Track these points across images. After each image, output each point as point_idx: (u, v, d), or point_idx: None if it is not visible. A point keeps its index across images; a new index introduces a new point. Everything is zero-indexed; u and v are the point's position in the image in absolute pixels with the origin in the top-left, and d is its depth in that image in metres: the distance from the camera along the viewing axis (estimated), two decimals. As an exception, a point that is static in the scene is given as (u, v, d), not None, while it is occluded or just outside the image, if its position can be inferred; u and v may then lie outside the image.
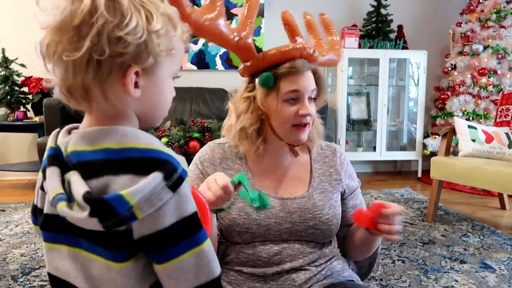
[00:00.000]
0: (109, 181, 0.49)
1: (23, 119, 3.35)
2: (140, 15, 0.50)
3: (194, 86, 3.67)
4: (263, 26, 3.86)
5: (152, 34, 0.50)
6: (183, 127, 2.71)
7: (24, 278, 1.70)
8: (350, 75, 3.86)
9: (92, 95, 0.51)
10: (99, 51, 0.48)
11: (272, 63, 0.95)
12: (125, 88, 0.51)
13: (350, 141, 3.99)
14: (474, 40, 3.61)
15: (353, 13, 3.90)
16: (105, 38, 0.48)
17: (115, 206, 0.46)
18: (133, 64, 0.50)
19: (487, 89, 3.46)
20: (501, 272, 1.79)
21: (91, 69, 0.49)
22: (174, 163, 0.51)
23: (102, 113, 0.54)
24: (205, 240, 0.53)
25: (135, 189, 0.47)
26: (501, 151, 2.50)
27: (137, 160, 0.50)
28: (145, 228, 0.49)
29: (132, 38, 0.49)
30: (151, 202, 0.48)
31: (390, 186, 3.54)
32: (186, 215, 0.51)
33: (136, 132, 0.52)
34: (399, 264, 1.87)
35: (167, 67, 0.55)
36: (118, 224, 0.48)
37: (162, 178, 0.48)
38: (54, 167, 0.53)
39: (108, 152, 0.50)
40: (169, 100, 0.59)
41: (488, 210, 2.84)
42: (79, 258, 0.54)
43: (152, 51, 0.51)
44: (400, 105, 4.13)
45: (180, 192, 0.50)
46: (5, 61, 3.36)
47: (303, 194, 1.00)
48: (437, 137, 3.46)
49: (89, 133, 0.52)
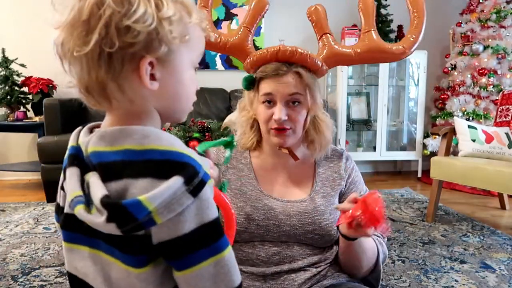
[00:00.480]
0: (128, 184, 0.47)
1: (23, 119, 3.35)
2: (149, 2, 0.48)
3: (194, 86, 3.67)
4: (263, 26, 3.86)
5: (163, 21, 0.49)
6: (183, 127, 2.71)
7: (24, 278, 1.69)
8: (350, 75, 3.86)
9: (109, 91, 0.50)
10: (109, 43, 0.47)
11: (253, 66, 0.99)
12: (140, 80, 0.50)
13: (350, 141, 4.00)
14: (474, 40, 3.61)
15: (353, 13, 3.90)
16: (113, 29, 0.46)
17: (133, 211, 0.45)
18: (145, 54, 0.49)
19: (487, 89, 3.46)
20: (501, 272, 1.79)
21: (103, 63, 0.48)
22: (196, 166, 0.49)
23: (122, 111, 0.52)
24: (226, 248, 0.51)
25: (154, 194, 0.45)
26: (501, 151, 2.50)
27: (157, 163, 0.48)
28: (164, 234, 0.48)
29: (141, 27, 0.47)
30: (171, 207, 0.46)
31: (390, 186, 3.54)
32: (207, 221, 0.49)
33: (158, 133, 0.50)
34: (399, 264, 1.87)
35: (184, 56, 0.53)
36: (136, 229, 0.47)
37: (183, 182, 0.47)
38: (74, 168, 0.52)
39: (128, 154, 0.48)
40: (191, 92, 0.57)
41: (488, 210, 2.84)
42: (99, 259, 0.53)
43: (164, 38, 0.49)
44: (400, 105, 4.13)
45: (201, 197, 0.48)
46: (5, 61, 3.36)
47: (304, 198, 1.00)
48: (437, 137, 3.46)
49: (110, 133, 0.50)
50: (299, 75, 0.94)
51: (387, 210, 2.72)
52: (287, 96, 0.93)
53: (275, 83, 0.93)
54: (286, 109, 0.94)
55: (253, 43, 1.02)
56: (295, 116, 0.95)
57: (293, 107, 0.95)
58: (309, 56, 0.94)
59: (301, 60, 0.94)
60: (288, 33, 3.81)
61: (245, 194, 0.99)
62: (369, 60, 1.06)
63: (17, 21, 3.52)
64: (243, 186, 1.01)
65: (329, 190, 1.02)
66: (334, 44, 1.00)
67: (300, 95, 0.94)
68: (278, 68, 0.93)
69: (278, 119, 0.92)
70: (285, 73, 0.93)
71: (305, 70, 0.94)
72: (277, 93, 0.93)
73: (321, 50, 1.01)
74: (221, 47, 1.01)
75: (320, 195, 1.00)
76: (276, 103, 0.94)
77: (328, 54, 1.00)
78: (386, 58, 1.05)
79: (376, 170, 4.28)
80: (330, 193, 1.02)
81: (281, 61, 0.94)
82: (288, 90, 0.93)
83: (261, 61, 0.96)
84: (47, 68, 3.31)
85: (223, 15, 3.81)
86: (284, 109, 0.93)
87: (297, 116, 0.95)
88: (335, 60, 1.01)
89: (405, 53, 1.01)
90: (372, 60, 1.05)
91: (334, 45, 1.00)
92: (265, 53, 0.95)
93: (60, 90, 3.45)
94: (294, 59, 0.93)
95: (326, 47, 1.00)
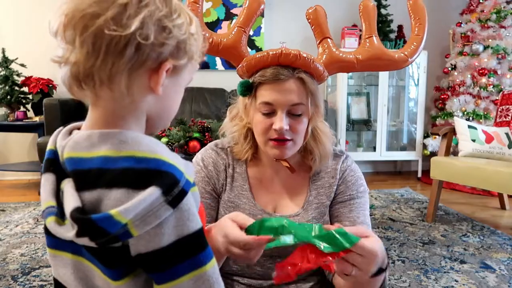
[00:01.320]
0: (102, 195, 0.44)
1: (23, 119, 3.35)
2: (185, 15, 0.50)
3: (194, 86, 3.67)
4: (263, 26, 3.85)
5: (191, 36, 0.50)
6: (183, 127, 2.71)
7: (24, 278, 1.69)
8: (350, 75, 3.86)
9: (114, 83, 0.47)
10: (144, 35, 0.45)
11: (250, 71, 0.90)
12: (150, 82, 0.48)
13: (350, 141, 4.00)
14: (474, 40, 3.61)
15: (353, 13, 3.90)
16: (153, 23, 0.46)
17: (104, 226, 0.42)
18: (170, 59, 0.49)
19: (487, 89, 3.46)
20: (501, 272, 1.79)
21: (128, 52, 0.45)
22: (176, 174, 0.46)
23: (109, 110, 0.49)
24: (208, 262, 0.48)
25: (127, 207, 0.42)
26: (501, 151, 2.50)
27: (133, 172, 0.45)
28: (142, 246, 0.45)
29: (177, 32, 0.48)
30: (147, 220, 0.43)
31: (390, 186, 3.54)
32: (187, 233, 0.46)
33: (138, 138, 0.47)
34: (399, 264, 1.87)
35: (187, 73, 0.54)
36: (112, 241, 0.44)
37: (161, 193, 0.44)
38: (50, 174, 0.49)
39: (105, 161, 0.45)
40: (177, 109, 0.56)
41: (488, 210, 2.84)
42: (82, 267, 0.51)
43: (189, 51, 0.51)
44: (400, 105, 4.13)
45: (181, 208, 0.46)
46: (5, 61, 3.36)
47: (297, 211, 0.94)
48: (437, 137, 3.46)
49: (87, 137, 0.47)
50: (302, 81, 0.86)
51: (387, 210, 2.72)
52: (288, 106, 0.85)
53: (276, 89, 0.85)
54: (287, 118, 0.86)
55: (253, 43, 0.98)
56: (297, 126, 0.87)
57: (294, 116, 0.87)
58: (313, 60, 0.86)
59: (305, 65, 0.86)
60: (289, 33, 3.81)
61: (238, 208, 0.94)
62: (371, 68, 1.00)
63: (17, 21, 3.52)
64: (236, 198, 0.95)
65: (324, 199, 0.96)
66: (335, 50, 0.94)
67: (302, 105, 0.86)
68: (279, 73, 0.84)
69: (279, 128, 0.84)
70: (286, 78, 0.84)
71: (307, 75, 0.86)
72: (278, 102, 0.85)
73: (320, 56, 0.94)
74: (212, 48, 0.92)
75: (314, 206, 0.95)
76: (276, 112, 0.86)
77: (329, 60, 0.93)
78: (388, 66, 1.01)
79: (376, 170, 4.28)
80: (325, 203, 0.95)
81: (283, 65, 0.86)
82: (290, 99, 0.85)
83: (260, 65, 0.87)
84: (47, 68, 3.32)
85: (223, 15, 3.80)
86: (285, 118, 0.85)
87: (298, 126, 0.87)
88: (336, 66, 0.95)
89: (407, 61, 0.97)
90: (373, 67, 0.99)
91: (335, 51, 0.94)
92: (265, 56, 0.86)
93: (60, 90, 3.46)
94: (297, 63, 0.85)
95: (326, 52, 0.94)
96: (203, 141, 2.61)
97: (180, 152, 2.56)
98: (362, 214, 0.93)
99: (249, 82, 0.88)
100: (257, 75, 0.87)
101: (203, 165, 0.96)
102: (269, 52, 0.86)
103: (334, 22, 3.69)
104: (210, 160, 0.97)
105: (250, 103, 0.90)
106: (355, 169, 0.99)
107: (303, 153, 0.96)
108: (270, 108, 0.86)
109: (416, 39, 1.00)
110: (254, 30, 3.82)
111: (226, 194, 0.95)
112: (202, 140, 2.62)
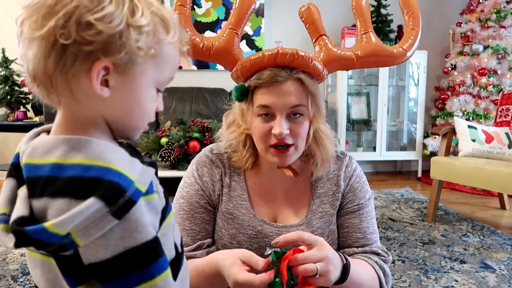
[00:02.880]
0: (47, 204, 0.43)
1: (23, 119, 3.35)
2: (122, 4, 0.45)
3: (194, 86, 3.68)
4: (263, 26, 3.85)
5: (132, 27, 0.45)
6: (183, 127, 2.71)
7: (24, 278, 1.69)
8: (350, 75, 3.86)
9: (57, 86, 0.46)
10: (65, 35, 0.43)
11: (246, 74, 0.85)
12: (91, 83, 0.45)
13: (350, 141, 4.00)
14: (474, 40, 3.61)
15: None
16: (73, 21, 0.43)
17: (41, 238, 0.41)
18: (102, 57, 0.44)
19: (487, 89, 3.46)
20: (501, 272, 1.79)
21: (53, 54, 0.44)
22: (123, 183, 0.43)
23: (70, 114, 0.48)
24: (159, 274, 0.46)
25: (63, 219, 0.40)
26: (501, 151, 2.50)
27: (78, 180, 0.43)
28: (91, 256, 0.44)
29: (104, 26, 0.43)
30: (89, 231, 0.41)
31: (390, 186, 3.55)
32: (135, 245, 0.44)
33: (90, 144, 0.45)
34: (399, 264, 1.87)
35: (149, 72, 0.49)
36: (60, 250, 0.42)
37: (103, 204, 0.41)
38: (11, 179, 0.48)
39: (54, 168, 0.44)
40: (148, 111, 0.51)
41: (488, 210, 2.84)
42: (51, 268, 0.48)
43: (126, 45, 0.45)
44: (400, 105, 4.14)
45: (128, 219, 0.43)
46: (5, 61, 3.36)
47: (300, 221, 0.90)
48: (437, 137, 3.46)
49: (43, 143, 0.46)
50: (301, 82, 0.81)
51: (387, 210, 2.72)
52: (288, 109, 0.80)
53: (273, 92, 0.80)
54: (287, 122, 0.81)
55: (253, 43, 0.97)
56: (298, 130, 0.82)
57: (295, 119, 0.82)
58: (312, 59, 0.82)
59: (303, 64, 0.81)
60: (289, 33, 3.81)
61: (237, 219, 0.90)
62: (370, 64, 0.96)
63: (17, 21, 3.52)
64: (235, 209, 0.91)
65: (328, 208, 0.92)
66: (333, 47, 0.90)
67: (302, 106, 0.81)
68: (276, 74, 0.79)
69: (279, 133, 0.79)
70: (284, 80, 0.80)
71: (306, 75, 0.82)
72: (276, 106, 0.80)
73: (318, 54, 0.90)
74: (204, 53, 0.87)
75: (318, 215, 0.91)
76: (275, 115, 0.81)
77: (327, 58, 0.89)
78: (387, 62, 0.97)
79: (376, 170, 4.28)
80: (329, 212, 0.92)
81: (280, 66, 0.81)
82: (289, 102, 0.80)
83: (256, 67, 0.82)
84: (47, 68, 3.32)
85: (223, 15, 3.81)
86: (285, 122, 0.80)
87: (299, 129, 0.82)
88: (335, 64, 0.91)
89: (405, 56, 0.94)
90: (373, 63, 0.96)
91: (332, 48, 0.90)
92: (260, 58, 0.80)
93: (60, 90, 3.46)
94: (295, 63, 0.80)
95: (323, 50, 0.89)
96: (203, 141, 2.61)
97: (180, 152, 2.56)
98: (371, 223, 0.93)
99: (245, 86, 0.84)
100: (253, 78, 0.83)
101: (198, 175, 0.92)
102: (264, 52, 0.81)
103: (334, 22, 3.69)
104: (204, 170, 0.92)
105: (247, 108, 0.85)
106: (360, 174, 0.97)
107: (304, 157, 0.91)
108: (268, 111, 0.81)
109: (411, 33, 0.97)
110: (254, 30, 3.83)
111: (223, 205, 0.92)
112: (202, 140, 2.62)
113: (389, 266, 0.91)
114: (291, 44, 3.92)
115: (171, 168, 2.60)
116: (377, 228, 0.95)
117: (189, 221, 0.90)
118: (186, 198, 0.91)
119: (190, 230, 0.90)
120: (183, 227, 0.89)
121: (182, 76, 3.82)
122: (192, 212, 0.90)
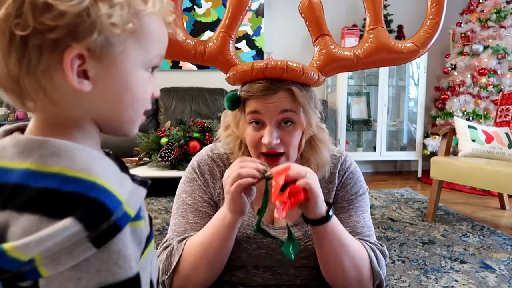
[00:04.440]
0: (10, 218, 0.35)
1: (23, 119, 3.35)
2: None
3: (194, 86, 3.68)
4: (263, 26, 3.85)
5: (100, 1, 0.37)
6: (183, 127, 2.71)
7: (24, 278, 1.69)
8: (350, 75, 3.86)
9: (27, 89, 0.38)
10: (21, 24, 0.35)
11: (237, 82, 0.84)
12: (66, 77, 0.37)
13: (350, 141, 4.00)
14: (474, 40, 3.61)
15: (353, 13, 3.89)
16: (27, 5, 0.35)
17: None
18: (72, 43, 0.36)
19: (487, 89, 3.47)
20: (501, 272, 1.79)
21: (14, 51, 0.36)
22: (109, 204, 0.36)
23: (46, 115, 0.41)
24: None
25: (28, 242, 0.33)
26: (501, 151, 2.50)
27: (54, 194, 0.35)
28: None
29: (65, 5, 0.35)
30: (60, 259, 0.34)
31: (390, 186, 3.55)
32: (112, 282, 0.36)
33: (74, 151, 0.38)
34: (399, 264, 1.87)
35: (131, 52, 0.41)
36: (17, 279, 0.35)
37: (82, 227, 0.34)
38: None
39: (26, 176, 0.36)
40: (139, 97, 0.43)
41: (488, 210, 2.84)
42: None
43: (97, 23, 0.37)
44: (400, 105, 4.14)
45: (110, 249, 0.36)
46: (5, 61, 3.37)
47: (295, 221, 0.90)
48: (437, 137, 3.46)
49: (16, 144, 0.38)
50: (292, 92, 0.80)
51: (387, 210, 2.73)
52: (277, 115, 0.79)
53: (263, 105, 0.79)
54: (277, 131, 0.80)
55: (253, 43, 0.95)
56: (288, 139, 0.81)
57: (285, 127, 0.81)
58: (303, 70, 0.79)
59: (294, 76, 0.79)
60: (289, 33, 3.81)
61: None
62: (375, 64, 0.88)
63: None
64: None
65: None
66: (334, 48, 0.85)
67: (293, 112, 0.80)
68: (265, 87, 0.79)
69: (268, 143, 0.79)
70: (274, 92, 0.79)
71: (297, 86, 0.80)
72: (266, 113, 0.79)
73: (317, 56, 0.86)
74: (197, 57, 0.83)
75: None
76: (266, 124, 0.80)
77: (327, 60, 0.84)
78: (395, 60, 0.89)
79: (376, 170, 4.28)
80: None
81: (269, 78, 0.79)
82: (279, 107, 0.79)
83: (246, 78, 0.81)
84: (47, 68, 3.32)
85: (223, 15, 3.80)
86: (275, 131, 0.80)
87: (290, 138, 0.81)
88: (335, 66, 0.86)
89: (418, 53, 0.84)
90: (378, 63, 0.88)
91: (333, 48, 0.85)
92: (249, 70, 0.79)
93: (60, 90, 3.46)
94: (285, 76, 0.78)
95: (323, 52, 0.85)
96: (203, 141, 2.61)
97: (180, 152, 2.56)
98: (361, 218, 0.91)
99: (236, 95, 0.83)
100: (243, 88, 0.82)
101: (199, 172, 0.93)
102: (253, 64, 0.79)
103: (334, 22, 3.69)
104: (206, 167, 0.93)
105: (240, 116, 0.85)
106: (354, 170, 0.95)
107: (300, 161, 0.90)
108: (259, 118, 0.81)
109: (431, 24, 0.85)
110: (254, 30, 3.82)
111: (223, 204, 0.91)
112: (202, 140, 2.61)
113: (386, 261, 0.89)
114: (291, 44, 3.94)
115: (171, 168, 2.60)
116: (370, 224, 0.93)
117: (193, 215, 0.89)
118: (189, 193, 0.91)
119: (195, 224, 0.88)
120: (187, 220, 0.88)
121: (182, 76, 3.83)
122: (196, 206, 0.90)
